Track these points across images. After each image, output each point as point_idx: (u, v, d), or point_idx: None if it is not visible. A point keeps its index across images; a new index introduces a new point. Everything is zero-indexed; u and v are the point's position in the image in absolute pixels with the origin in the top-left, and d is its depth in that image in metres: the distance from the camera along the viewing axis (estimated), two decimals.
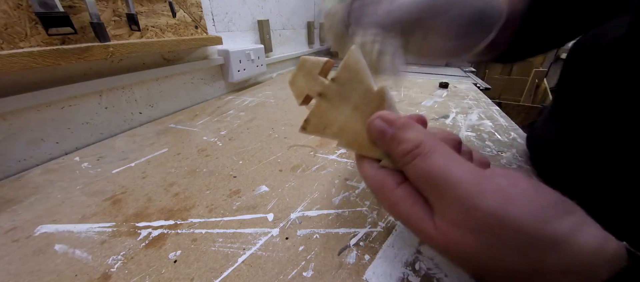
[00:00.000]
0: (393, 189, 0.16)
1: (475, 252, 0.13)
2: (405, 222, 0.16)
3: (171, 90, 0.56)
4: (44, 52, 0.33)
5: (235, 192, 0.30)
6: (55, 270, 0.21)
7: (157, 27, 0.50)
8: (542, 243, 0.12)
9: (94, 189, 0.31)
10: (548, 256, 0.12)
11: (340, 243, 0.23)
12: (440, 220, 0.14)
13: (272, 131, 0.46)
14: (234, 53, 0.66)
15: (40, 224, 0.26)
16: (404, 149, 0.16)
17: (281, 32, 0.96)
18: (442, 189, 0.14)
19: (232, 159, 0.37)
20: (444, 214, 0.14)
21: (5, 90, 0.34)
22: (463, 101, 0.63)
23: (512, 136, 0.44)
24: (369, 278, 0.20)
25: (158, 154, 0.39)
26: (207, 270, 0.21)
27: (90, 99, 0.43)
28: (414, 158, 0.15)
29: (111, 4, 0.42)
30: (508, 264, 0.13)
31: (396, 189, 0.16)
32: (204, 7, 0.60)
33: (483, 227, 0.13)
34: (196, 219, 0.26)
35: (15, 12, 0.33)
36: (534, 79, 2.20)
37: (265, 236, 0.24)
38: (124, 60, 0.47)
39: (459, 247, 0.14)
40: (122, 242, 0.24)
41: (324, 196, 0.29)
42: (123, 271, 0.21)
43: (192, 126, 0.49)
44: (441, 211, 0.14)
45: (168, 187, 0.31)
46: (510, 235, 0.13)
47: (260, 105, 0.60)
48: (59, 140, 0.40)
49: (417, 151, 0.15)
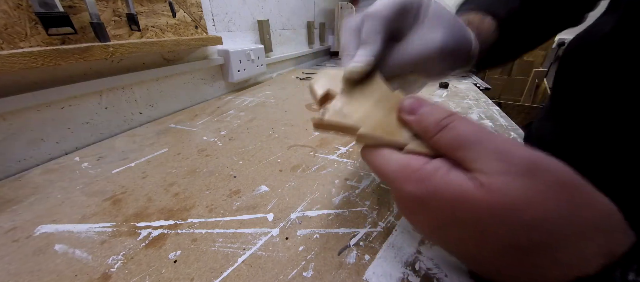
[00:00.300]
0: (420, 166, 0.16)
1: (525, 200, 0.13)
2: (438, 195, 0.15)
3: (171, 90, 0.56)
4: (44, 52, 0.33)
5: (235, 192, 0.30)
6: (55, 270, 0.21)
7: (157, 27, 0.50)
8: (579, 192, 0.13)
9: (94, 189, 0.31)
10: (584, 209, 0.13)
11: (340, 243, 0.23)
12: (483, 176, 0.14)
13: (272, 131, 0.46)
14: (234, 53, 0.66)
15: (40, 224, 0.26)
16: (438, 118, 0.16)
17: (281, 32, 0.96)
18: (481, 145, 0.15)
19: (232, 159, 0.37)
20: (487, 167, 0.14)
21: (5, 90, 0.34)
22: (463, 101, 0.63)
23: (512, 136, 0.44)
24: (369, 278, 0.20)
25: (158, 154, 0.39)
26: (207, 270, 0.21)
27: (90, 99, 0.43)
28: (449, 123, 0.16)
29: (111, 4, 0.42)
30: (554, 215, 0.13)
31: (425, 165, 0.16)
32: (204, 7, 0.60)
33: (527, 171, 0.13)
34: (196, 219, 0.26)
35: (15, 12, 0.33)
36: (534, 79, 2.20)
37: (265, 236, 0.24)
38: (124, 60, 0.47)
39: (509, 199, 0.13)
40: (122, 242, 0.24)
41: (324, 196, 0.29)
42: (123, 271, 0.21)
43: (192, 126, 0.49)
44: (482, 166, 0.14)
45: (168, 187, 0.31)
46: (552, 180, 0.13)
47: (260, 105, 0.60)
48: (59, 140, 0.40)
49: (451, 118, 0.16)
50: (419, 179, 0.16)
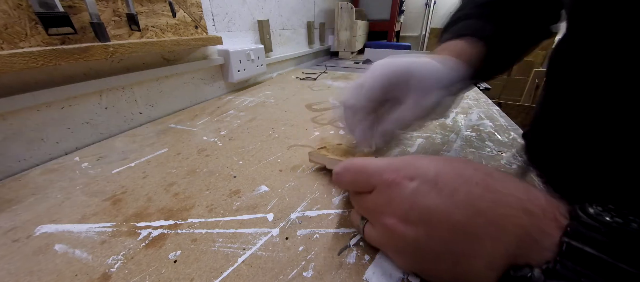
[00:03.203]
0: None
1: (425, 239, 0.17)
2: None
3: (171, 91, 0.56)
4: (44, 52, 0.33)
5: (235, 192, 0.30)
6: (55, 270, 0.21)
7: (157, 27, 0.50)
8: (455, 233, 0.16)
9: (94, 189, 0.31)
10: (460, 238, 0.16)
11: (340, 243, 0.23)
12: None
13: (272, 131, 0.46)
14: (234, 53, 0.66)
15: (40, 224, 0.26)
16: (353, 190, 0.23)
17: (281, 32, 0.96)
18: (379, 213, 0.20)
19: (232, 159, 0.37)
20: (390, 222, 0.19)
21: (5, 90, 0.34)
22: (463, 101, 0.63)
23: (512, 136, 0.44)
24: (369, 278, 0.20)
25: (158, 154, 0.39)
26: (207, 270, 0.21)
27: (90, 99, 0.43)
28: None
29: (111, 4, 0.42)
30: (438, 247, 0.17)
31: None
32: (204, 7, 0.60)
33: (420, 222, 0.17)
34: (196, 219, 0.26)
35: (15, 12, 0.33)
36: (534, 79, 2.20)
37: (265, 236, 0.24)
38: (124, 60, 0.47)
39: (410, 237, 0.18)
40: (122, 242, 0.24)
41: (324, 196, 0.29)
42: (123, 271, 0.21)
43: (192, 126, 0.49)
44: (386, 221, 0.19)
45: (168, 187, 0.31)
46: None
47: (260, 105, 0.61)
48: (59, 140, 0.40)
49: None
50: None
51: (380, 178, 0.19)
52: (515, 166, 0.36)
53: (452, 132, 0.46)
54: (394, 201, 0.18)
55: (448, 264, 0.16)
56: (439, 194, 0.16)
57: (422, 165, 0.18)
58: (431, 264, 0.17)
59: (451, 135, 0.44)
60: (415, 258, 0.18)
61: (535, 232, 0.14)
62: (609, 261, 0.12)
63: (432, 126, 0.48)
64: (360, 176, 0.21)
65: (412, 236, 0.17)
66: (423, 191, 0.17)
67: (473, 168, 0.17)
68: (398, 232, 0.18)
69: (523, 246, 0.14)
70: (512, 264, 0.14)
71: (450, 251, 0.16)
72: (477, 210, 0.15)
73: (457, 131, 0.46)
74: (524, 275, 0.13)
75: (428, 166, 0.18)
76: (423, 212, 0.17)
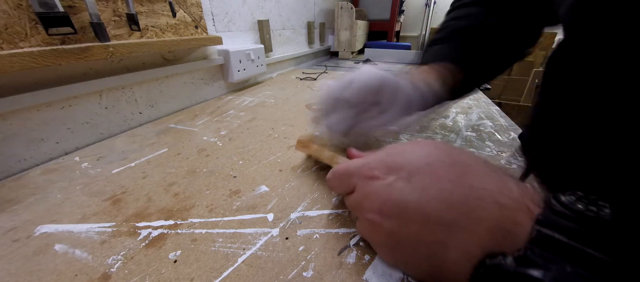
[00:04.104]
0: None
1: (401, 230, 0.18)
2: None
3: (171, 90, 0.56)
4: (44, 52, 0.33)
5: (235, 192, 0.30)
6: (55, 270, 0.21)
7: (157, 27, 0.50)
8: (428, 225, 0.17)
9: (94, 189, 0.31)
10: (435, 227, 0.17)
11: (340, 243, 0.23)
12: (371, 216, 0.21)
13: (272, 131, 0.46)
14: (234, 53, 0.66)
15: (40, 224, 0.26)
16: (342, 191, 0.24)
17: (281, 32, 0.96)
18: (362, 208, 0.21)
19: (232, 159, 0.37)
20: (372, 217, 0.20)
21: (5, 90, 0.34)
22: (463, 101, 0.63)
23: (512, 136, 0.44)
24: (369, 278, 0.20)
25: (158, 154, 0.39)
26: (207, 270, 0.21)
27: (90, 99, 0.43)
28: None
29: (111, 4, 0.42)
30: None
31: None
32: (204, 7, 0.60)
33: (395, 216, 0.18)
34: (196, 219, 0.26)
35: (15, 12, 0.33)
36: (534, 79, 2.20)
37: (265, 236, 0.24)
38: (124, 60, 0.47)
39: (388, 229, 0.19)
40: (122, 242, 0.24)
41: (324, 196, 0.29)
42: (123, 271, 0.21)
43: (192, 126, 0.49)
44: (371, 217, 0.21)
45: (168, 187, 0.31)
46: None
47: (260, 105, 0.61)
48: (59, 140, 0.40)
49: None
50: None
51: (360, 176, 0.21)
52: (515, 165, 0.36)
53: (452, 132, 0.46)
54: (370, 196, 0.19)
55: (423, 254, 0.17)
56: (412, 189, 0.18)
57: (399, 161, 0.19)
58: (409, 256, 0.18)
59: (451, 136, 0.44)
60: (393, 250, 0.19)
61: (507, 224, 0.14)
62: (578, 247, 0.12)
63: (432, 126, 0.48)
64: (344, 177, 0.22)
65: (388, 228, 0.18)
66: (397, 186, 0.18)
67: (449, 163, 0.18)
68: (376, 224, 0.19)
69: (496, 237, 0.15)
70: (487, 254, 0.15)
71: (425, 241, 0.17)
72: (449, 204, 0.16)
73: (457, 131, 0.46)
74: (497, 263, 0.14)
75: (404, 161, 0.19)
76: (396, 205, 0.18)
